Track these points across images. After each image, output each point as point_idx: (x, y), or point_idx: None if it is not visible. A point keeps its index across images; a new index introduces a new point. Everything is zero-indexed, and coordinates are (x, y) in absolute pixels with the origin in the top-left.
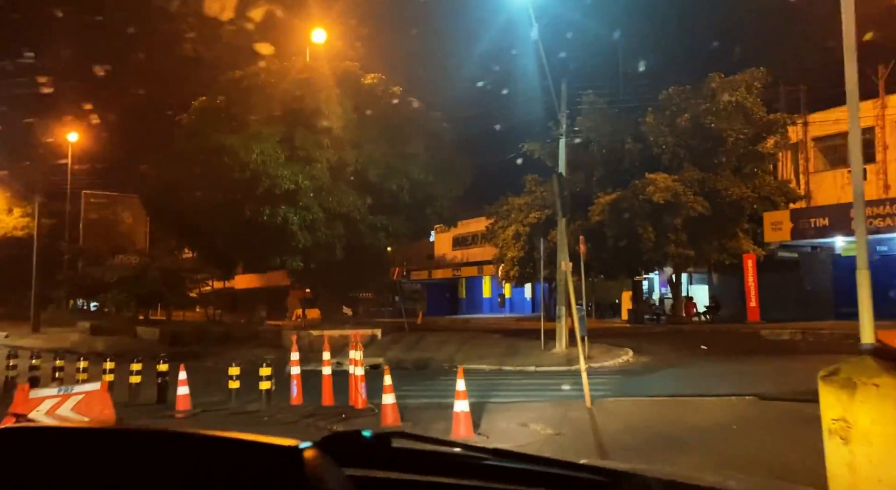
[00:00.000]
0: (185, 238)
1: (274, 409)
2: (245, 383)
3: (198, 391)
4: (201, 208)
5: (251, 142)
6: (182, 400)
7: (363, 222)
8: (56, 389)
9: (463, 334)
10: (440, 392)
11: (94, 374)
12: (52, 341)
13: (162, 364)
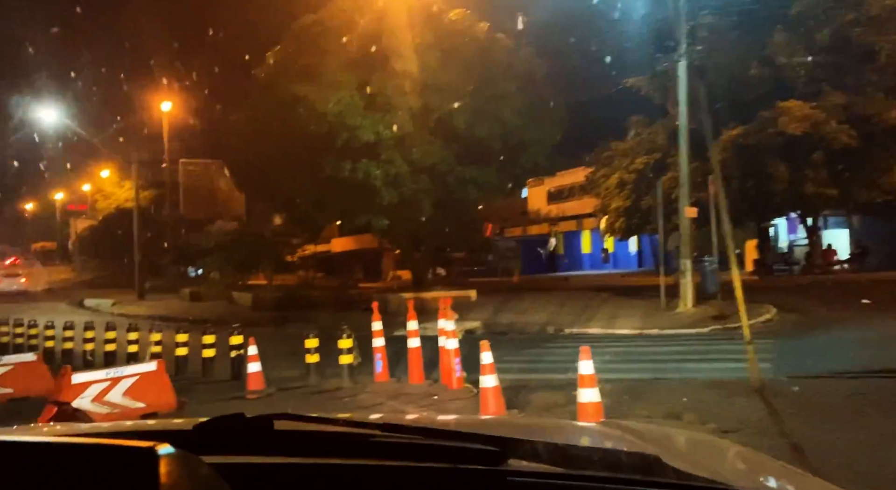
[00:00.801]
0: (271, 200)
1: (356, 388)
2: (329, 354)
3: (279, 363)
4: (281, 167)
5: (327, 91)
6: (254, 378)
7: (451, 175)
8: (104, 372)
9: (566, 294)
10: (550, 364)
11: (170, 347)
12: (154, 309)
13: (235, 336)
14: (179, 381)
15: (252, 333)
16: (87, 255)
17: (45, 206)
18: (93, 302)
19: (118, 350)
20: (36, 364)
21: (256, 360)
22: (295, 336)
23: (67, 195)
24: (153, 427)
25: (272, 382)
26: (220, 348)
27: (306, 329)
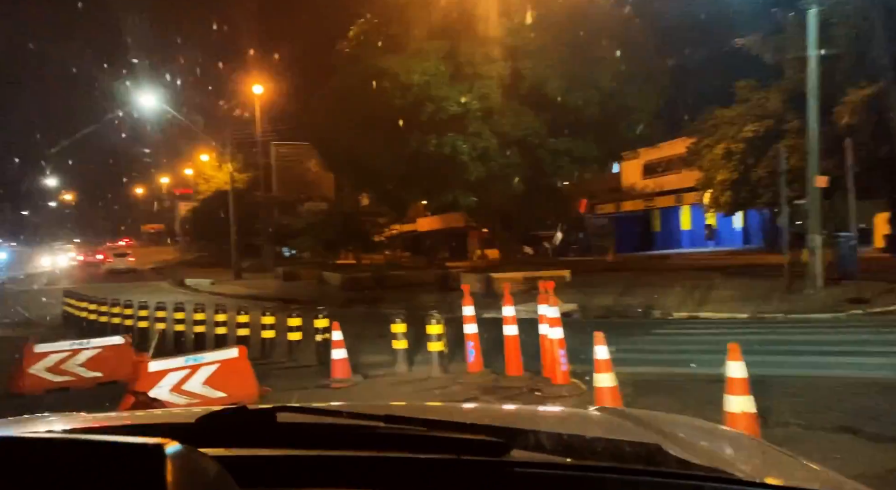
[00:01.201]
0: (357, 178)
1: (447, 378)
2: (418, 339)
3: (366, 347)
4: (366, 144)
5: (411, 61)
6: (339, 365)
7: (543, 147)
8: (183, 359)
9: (668, 274)
10: (666, 356)
11: (256, 329)
12: (248, 288)
13: (321, 319)
14: (264, 365)
15: (340, 314)
16: (190, 236)
17: (153, 191)
18: (192, 281)
19: (207, 331)
20: (124, 347)
21: (342, 346)
22: (383, 318)
23: (173, 180)
24: (159, 419)
25: (358, 369)
26: (306, 330)
27: (394, 310)
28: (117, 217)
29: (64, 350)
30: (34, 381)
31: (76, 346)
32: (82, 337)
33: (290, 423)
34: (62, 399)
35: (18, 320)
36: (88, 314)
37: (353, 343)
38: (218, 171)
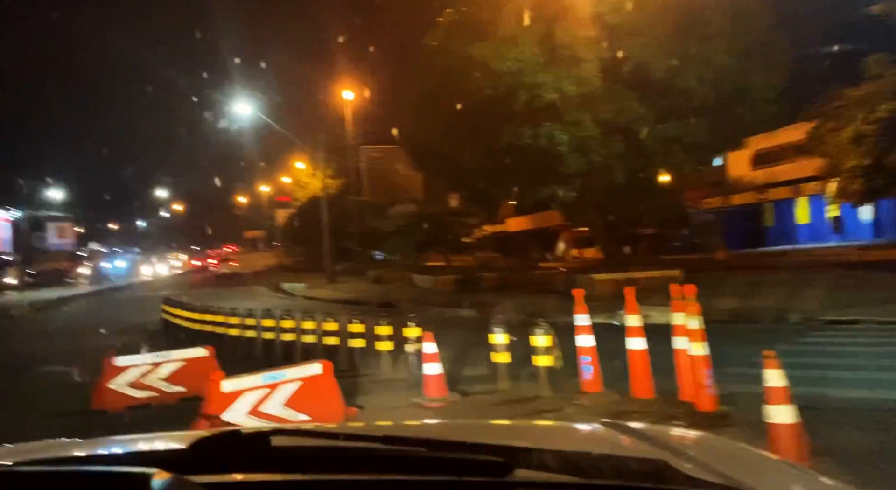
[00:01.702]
0: (446, 177)
1: (559, 399)
2: (519, 349)
3: (462, 358)
4: (455, 139)
5: (503, 48)
6: (433, 382)
7: (650, 135)
8: (261, 377)
9: (792, 272)
10: (835, 371)
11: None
12: (341, 292)
13: (411, 327)
14: (352, 378)
15: (432, 320)
16: (289, 242)
17: (255, 199)
18: (288, 285)
19: (295, 340)
20: (208, 360)
21: (436, 359)
22: (478, 323)
23: (273, 188)
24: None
25: (455, 383)
26: (397, 339)
27: (489, 315)
28: (223, 225)
29: (145, 363)
30: (115, 396)
31: (158, 359)
32: (178, 345)
33: (285, 446)
34: (143, 416)
35: (123, 327)
36: (183, 322)
37: (447, 353)
38: (312, 178)
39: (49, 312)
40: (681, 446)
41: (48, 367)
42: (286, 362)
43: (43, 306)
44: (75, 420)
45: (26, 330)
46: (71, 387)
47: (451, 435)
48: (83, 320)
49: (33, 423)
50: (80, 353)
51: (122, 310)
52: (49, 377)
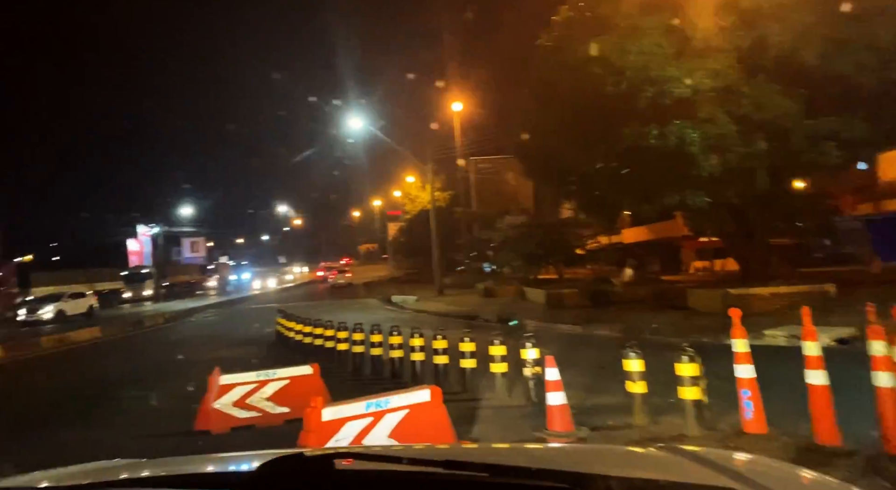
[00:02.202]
0: (560, 185)
1: (711, 439)
2: (654, 374)
3: (585, 384)
4: (571, 144)
5: (625, 41)
6: (557, 413)
7: (797, 131)
8: (364, 404)
9: None
10: None
11: (455, 355)
12: (450, 305)
13: (528, 348)
14: (462, 403)
15: (547, 336)
16: (399, 254)
17: (367, 213)
18: (399, 298)
19: (404, 358)
20: (313, 378)
21: (559, 388)
22: (599, 341)
23: (384, 202)
24: (223, 465)
25: (582, 415)
26: (512, 359)
27: (612, 331)
28: (339, 238)
29: (250, 381)
30: (219, 417)
31: (263, 377)
32: (289, 359)
33: (348, 470)
34: (245, 439)
35: (240, 339)
36: (295, 335)
37: (569, 376)
38: (422, 191)
39: (177, 323)
40: (751, 474)
41: (162, 382)
42: (395, 381)
43: (172, 317)
44: (177, 442)
45: (154, 340)
46: (182, 403)
47: (514, 460)
48: (206, 332)
49: (137, 444)
50: (197, 365)
51: (243, 321)
52: (163, 392)
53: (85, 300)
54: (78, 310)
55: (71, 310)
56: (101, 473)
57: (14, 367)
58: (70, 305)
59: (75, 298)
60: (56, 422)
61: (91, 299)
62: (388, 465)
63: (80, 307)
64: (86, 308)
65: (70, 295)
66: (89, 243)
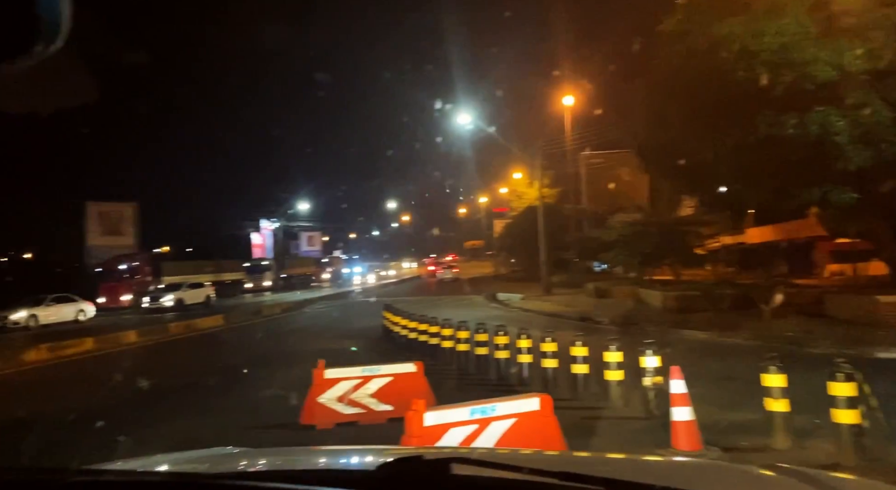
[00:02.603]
0: (682, 181)
1: (870, 469)
2: (797, 393)
3: (713, 397)
4: (695, 136)
5: (761, 22)
6: (683, 430)
7: None
8: (468, 410)
9: None
10: None
11: (565, 359)
12: (558, 304)
13: (648, 354)
14: (574, 411)
15: (667, 343)
16: (505, 252)
17: (474, 210)
18: (504, 296)
19: (510, 358)
20: (416, 376)
21: (686, 402)
22: (725, 349)
23: (490, 199)
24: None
25: (711, 432)
26: (629, 367)
27: (739, 339)
28: (445, 234)
29: (354, 377)
30: (324, 412)
31: (367, 373)
32: (395, 354)
33: (465, 476)
34: (349, 436)
35: (347, 332)
36: (400, 330)
37: (695, 388)
38: (529, 188)
39: (293, 313)
40: None
41: (274, 371)
42: (500, 384)
43: (288, 307)
44: (283, 435)
45: (271, 329)
46: (290, 394)
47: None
48: (318, 323)
49: (246, 435)
50: (308, 356)
51: (352, 314)
52: (274, 382)
53: (203, 290)
54: (196, 299)
55: (189, 299)
56: (217, 461)
57: (145, 351)
58: (189, 295)
59: (194, 288)
60: (173, 407)
61: (209, 290)
62: (505, 473)
63: (199, 297)
64: (203, 298)
65: (189, 285)
66: (219, 236)
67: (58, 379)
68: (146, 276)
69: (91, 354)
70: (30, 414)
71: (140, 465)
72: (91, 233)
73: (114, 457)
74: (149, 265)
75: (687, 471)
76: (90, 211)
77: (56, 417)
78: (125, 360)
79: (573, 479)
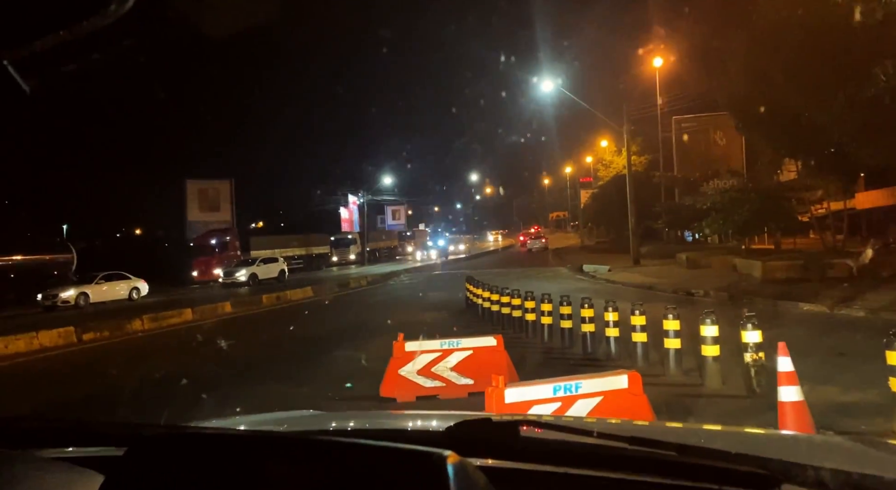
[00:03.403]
0: (785, 141)
1: None
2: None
3: (823, 375)
4: (798, 92)
5: None
6: (792, 411)
7: None
8: (552, 386)
9: None
10: None
11: (656, 333)
12: (648, 275)
13: (749, 329)
14: (666, 388)
15: (769, 316)
16: (592, 223)
17: (558, 180)
18: (590, 267)
19: (596, 332)
20: (496, 349)
21: (794, 381)
22: (835, 324)
23: (575, 168)
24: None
25: (824, 416)
26: (728, 342)
27: (851, 311)
28: (529, 206)
29: (434, 350)
30: (404, 384)
31: (447, 346)
32: (478, 326)
33: (533, 437)
34: (430, 409)
35: (430, 304)
36: (483, 302)
37: (801, 365)
38: (617, 156)
39: (378, 286)
40: None
41: (359, 342)
42: (586, 359)
43: (374, 280)
44: (363, 406)
45: (357, 302)
46: (374, 365)
47: (708, 442)
48: (402, 295)
49: (327, 407)
50: (393, 328)
51: (435, 286)
52: (358, 353)
53: (276, 265)
54: (270, 274)
55: (263, 274)
56: (293, 422)
57: (241, 321)
58: (262, 270)
59: (267, 263)
60: (261, 374)
61: (282, 264)
62: (574, 437)
63: (272, 272)
64: (276, 272)
65: (262, 260)
66: (310, 211)
67: (155, 347)
68: (235, 251)
69: (187, 325)
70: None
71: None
72: (191, 209)
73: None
74: (237, 240)
75: (782, 441)
76: (190, 188)
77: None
78: (218, 330)
79: (644, 445)
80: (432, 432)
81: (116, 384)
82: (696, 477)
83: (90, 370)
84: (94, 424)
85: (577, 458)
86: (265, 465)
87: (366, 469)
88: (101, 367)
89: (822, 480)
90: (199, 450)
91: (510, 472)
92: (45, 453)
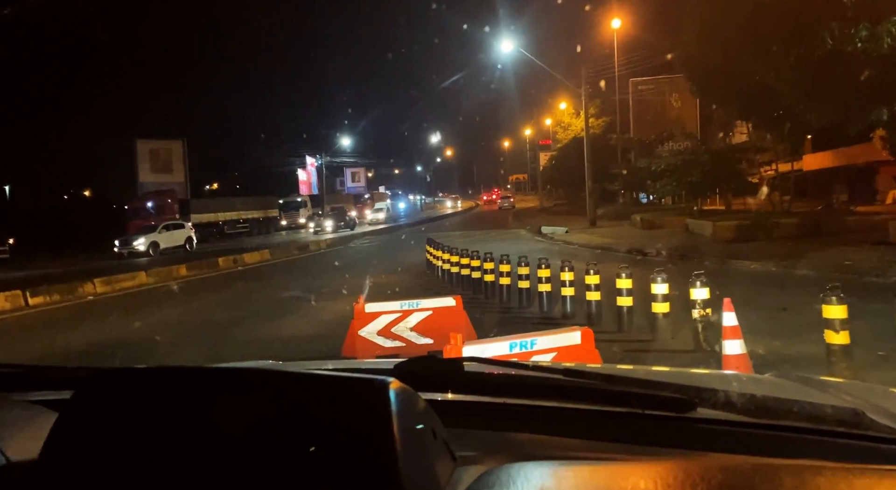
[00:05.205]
0: (735, 105)
1: None
2: (858, 325)
3: (765, 329)
4: (752, 54)
5: None
6: (734, 364)
7: None
8: (508, 343)
9: None
10: None
11: (610, 291)
12: (604, 237)
13: (697, 285)
14: (619, 343)
15: (717, 274)
16: (551, 185)
17: (518, 143)
18: (549, 229)
19: (552, 291)
20: (455, 310)
21: (737, 335)
22: (779, 280)
23: (535, 131)
24: (363, 365)
25: (765, 367)
26: (678, 300)
27: (794, 268)
28: (488, 169)
29: (394, 311)
30: (365, 344)
31: (406, 307)
32: (440, 288)
33: (476, 372)
34: None
35: (390, 266)
36: (442, 264)
37: (746, 320)
38: (575, 119)
39: (338, 248)
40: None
41: (317, 305)
42: (543, 318)
43: (333, 243)
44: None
45: (315, 264)
46: (331, 329)
47: (632, 375)
48: (362, 257)
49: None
50: (353, 291)
51: (396, 248)
52: (316, 316)
53: (182, 232)
54: (174, 242)
55: (165, 242)
56: None
57: (199, 284)
58: (165, 237)
59: (171, 230)
60: (221, 336)
61: (188, 231)
62: (513, 370)
63: (177, 239)
64: (183, 240)
65: (164, 226)
66: (267, 173)
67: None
68: (174, 215)
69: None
70: None
71: None
72: (142, 170)
73: None
74: (176, 203)
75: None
76: (140, 148)
77: None
78: (171, 293)
79: (576, 376)
80: (381, 370)
81: None
82: (623, 403)
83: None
84: (47, 369)
85: (514, 388)
86: (213, 397)
87: (311, 395)
88: None
89: (730, 401)
90: (147, 384)
91: (454, 404)
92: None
